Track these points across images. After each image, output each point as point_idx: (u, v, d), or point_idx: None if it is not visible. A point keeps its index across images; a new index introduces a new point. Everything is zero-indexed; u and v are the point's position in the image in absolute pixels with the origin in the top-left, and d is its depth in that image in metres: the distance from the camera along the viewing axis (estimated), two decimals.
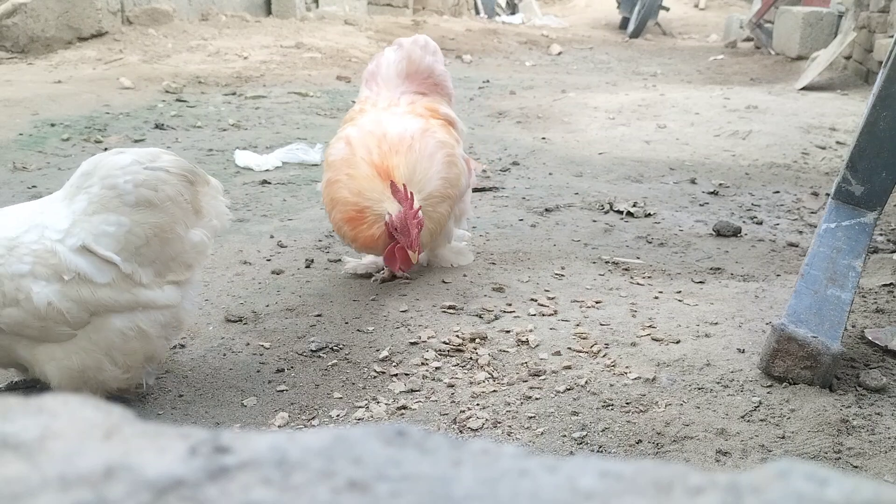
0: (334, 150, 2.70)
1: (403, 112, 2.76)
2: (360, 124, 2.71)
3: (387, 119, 2.71)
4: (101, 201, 1.81)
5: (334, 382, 2.12)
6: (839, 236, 2.30)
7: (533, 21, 15.60)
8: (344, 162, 2.63)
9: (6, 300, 1.73)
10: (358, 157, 2.60)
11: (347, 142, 2.66)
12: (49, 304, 1.74)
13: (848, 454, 1.74)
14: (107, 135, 5.02)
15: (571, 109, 6.43)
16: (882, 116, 2.28)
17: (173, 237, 1.89)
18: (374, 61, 3.01)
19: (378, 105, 2.82)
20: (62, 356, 1.82)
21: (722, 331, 2.34)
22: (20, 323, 1.75)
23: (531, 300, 2.64)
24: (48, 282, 1.74)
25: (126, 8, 8.77)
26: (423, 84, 2.92)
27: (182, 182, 1.91)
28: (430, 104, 2.87)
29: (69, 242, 1.77)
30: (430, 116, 2.80)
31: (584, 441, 1.81)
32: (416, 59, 2.89)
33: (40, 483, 0.40)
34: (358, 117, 2.79)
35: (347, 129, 2.74)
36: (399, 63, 2.89)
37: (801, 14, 9.34)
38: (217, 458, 0.43)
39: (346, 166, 2.62)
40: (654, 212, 3.77)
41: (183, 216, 1.91)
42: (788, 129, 5.66)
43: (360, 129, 2.68)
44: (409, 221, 2.50)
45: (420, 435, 0.47)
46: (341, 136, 2.73)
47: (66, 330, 1.79)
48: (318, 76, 7.88)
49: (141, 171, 1.85)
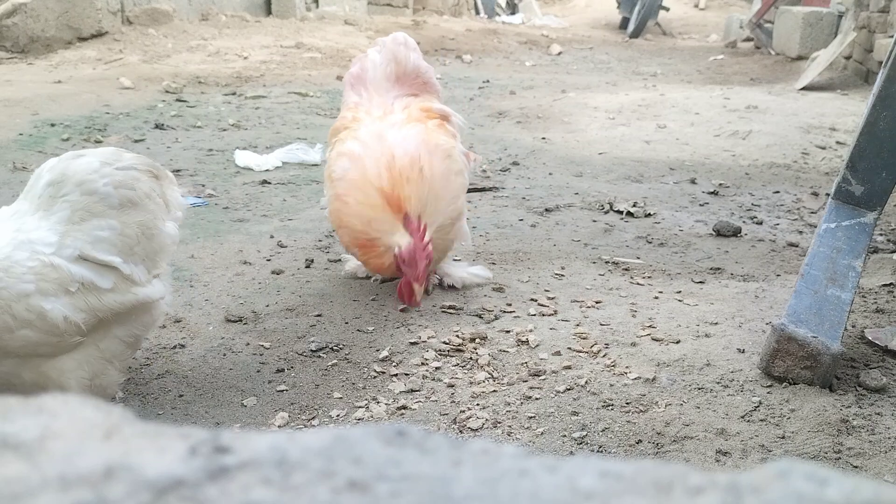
0: (338, 167, 2.57)
1: (402, 121, 2.66)
2: (363, 139, 2.58)
3: (390, 135, 2.58)
4: (86, 208, 1.79)
5: (334, 382, 2.12)
6: (839, 236, 2.30)
7: (533, 21, 15.60)
8: (352, 184, 2.51)
9: (18, 323, 1.69)
10: (367, 180, 2.48)
11: (352, 158, 2.54)
12: (66, 318, 1.71)
13: (848, 454, 1.74)
14: (107, 135, 5.02)
15: (571, 109, 6.43)
16: (882, 116, 2.28)
17: (156, 232, 1.91)
18: (357, 64, 2.90)
19: (372, 113, 2.72)
20: (74, 367, 1.80)
21: (722, 331, 2.34)
22: (36, 343, 1.72)
23: (531, 300, 2.64)
24: (56, 297, 1.71)
25: (126, 8, 8.77)
26: (414, 85, 2.85)
27: (151, 178, 1.93)
28: (424, 105, 2.80)
29: (66, 253, 1.74)
30: (426, 118, 2.72)
31: (584, 441, 1.81)
32: (402, 59, 2.82)
33: (40, 483, 0.40)
34: (354, 127, 2.67)
35: (349, 144, 2.60)
36: (387, 66, 2.80)
37: (801, 14, 9.34)
38: (217, 458, 0.43)
39: (355, 189, 2.50)
40: (654, 212, 3.77)
41: (159, 210, 1.93)
42: (788, 129, 5.66)
43: (364, 146, 2.55)
44: (417, 255, 2.40)
45: (420, 435, 0.47)
46: (343, 151, 2.59)
47: (79, 339, 1.78)
48: (318, 76, 7.88)
49: (115, 172, 1.84)
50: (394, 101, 2.78)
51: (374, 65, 2.83)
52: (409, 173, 2.46)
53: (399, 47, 2.84)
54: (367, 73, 2.84)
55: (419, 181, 2.46)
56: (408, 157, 2.49)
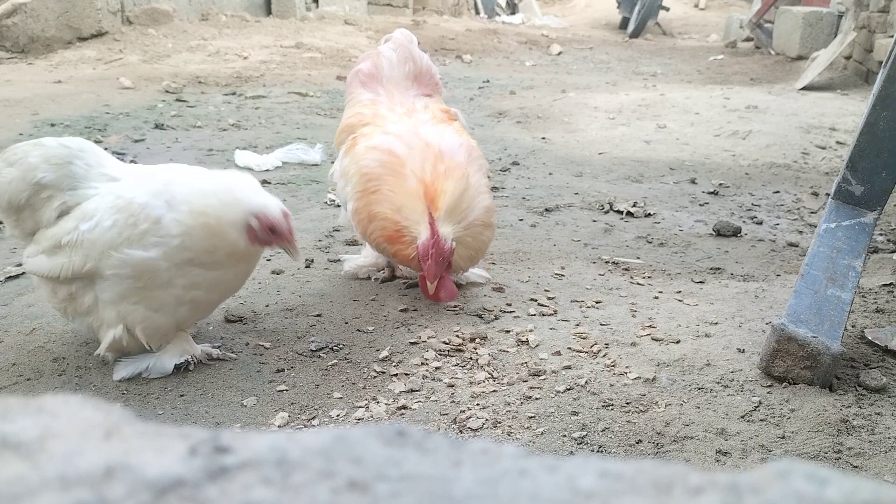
0: (368, 159, 2.53)
1: (430, 119, 2.64)
2: (397, 133, 2.55)
3: (426, 132, 2.55)
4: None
5: (334, 382, 2.12)
6: (839, 236, 2.30)
7: (533, 21, 15.60)
8: (389, 171, 2.48)
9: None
10: (408, 168, 2.46)
11: (388, 150, 2.51)
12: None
13: (848, 454, 1.74)
14: (107, 135, 5.02)
15: (571, 109, 6.43)
16: (882, 116, 2.28)
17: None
18: (368, 61, 2.86)
19: (396, 110, 2.68)
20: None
21: (722, 331, 2.34)
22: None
23: (531, 300, 2.64)
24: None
25: (126, 8, 8.77)
26: (428, 85, 2.85)
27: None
28: (441, 106, 2.80)
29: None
30: (448, 119, 2.71)
31: (584, 441, 1.81)
32: (418, 58, 2.81)
33: (40, 483, 0.40)
34: (378, 123, 2.63)
35: (380, 138, 2.56)
36: (405, 64, 2.79)
37: (801, 14, 9.35)
38: (217, 458, 0.43)
39: (391, 175, 2.47)
40: (654, 212, 3.77)
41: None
42: (788, 129, 5.66)
43: (400, 140, 2.53)
44: (428, 251, 2.39)
45: (420, 435, 0.47)
46: (375, 145, 2.55)
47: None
48: (318, 76, 7.88)
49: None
50: (414, 99, 2.77)
51: (391, 63, 2.80)
52: (454, 172, 2.47)
53: (413, 46, 2.82)
54: (382, 71, 2.80)
55: (458, 180, 2.46)
56: (454, 159, 2.50)
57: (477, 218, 2.52)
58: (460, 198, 2.45)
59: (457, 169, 2.48)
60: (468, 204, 2.48)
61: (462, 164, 2.50)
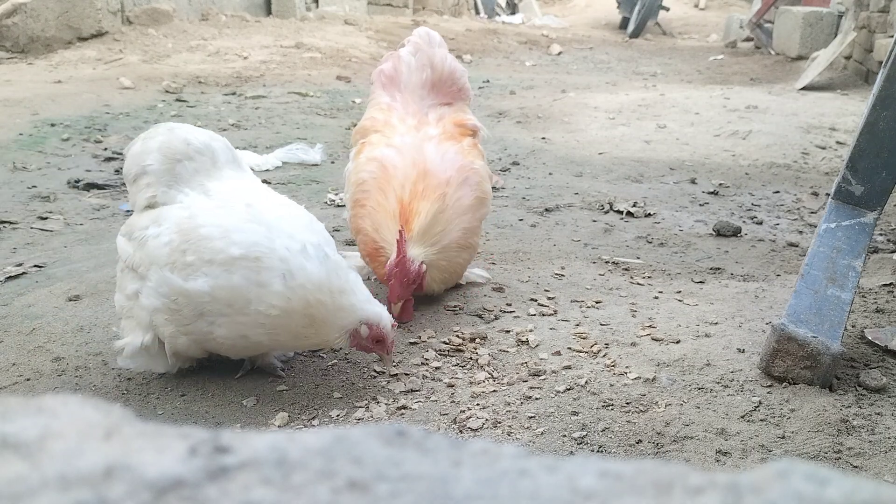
0: (365, 171, 2.53)
1: (438, 136, 2.59)
2: (398, 147, 2.54)
3: (427, 149, 2.52)
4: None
5: (334, 382, 2.12)
6: (839, 236, 2.30)
7: (533, 21, 15.61)
8: (377, 187, 2.48)
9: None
10: (392, 186, 2.45)
11: (382, 165, 2.50)
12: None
13: (848, 454, 1.74)
14: (107, 134, 5.02)
15: (571, 109, 6.43)
16: (882, 116, 2.28)
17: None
18: (389, 62, 2.81)
19: (407, 121, 2.65)
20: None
21: (722, 331, 2.34)
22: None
23: (531, 300, 2.64)
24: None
25: (126, 8, 8.77)
26: (449, 93, 2.76)
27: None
28: (458, 118, 2.73)
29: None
30: (460, 135, 2.65)
31: (584, 441, 1.81)
32: (438, 65, 2.72)
33: (40, 483, 0.40)
34: (387, 133, 2.61)
35: (381, 150, 2.55)
36: (422, 72, 2.72)
37: (801, 14, 9.35)
38: (217, 458, 0.43)
39: (378, 192, 2.47)
40: (654, 212, 3.77)
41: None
42: (788, 129, 5.66)
43: (399, 154, 2.51)
44: (391, 272, 2.35)
45: (420, 435, 0.47)
46: (374, 157, 2.54)
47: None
48: (318, 76, 7.88)
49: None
50: (428, 110, 2.71)
51: (410, 68, 2.74)
52: (431, 193, 2.43)
53: (433, 49, 2.74)
54: (401, 75, 2.76)
55: (434, 202, 2.42)
56: (437, 178, 2.46)
57: (453, 241, 2.49)
58: (434, 220, 2.42)
59: (435, 189, 2.43)
60: (443, 227, 2.45)
61: (441, 185, 2.45)
